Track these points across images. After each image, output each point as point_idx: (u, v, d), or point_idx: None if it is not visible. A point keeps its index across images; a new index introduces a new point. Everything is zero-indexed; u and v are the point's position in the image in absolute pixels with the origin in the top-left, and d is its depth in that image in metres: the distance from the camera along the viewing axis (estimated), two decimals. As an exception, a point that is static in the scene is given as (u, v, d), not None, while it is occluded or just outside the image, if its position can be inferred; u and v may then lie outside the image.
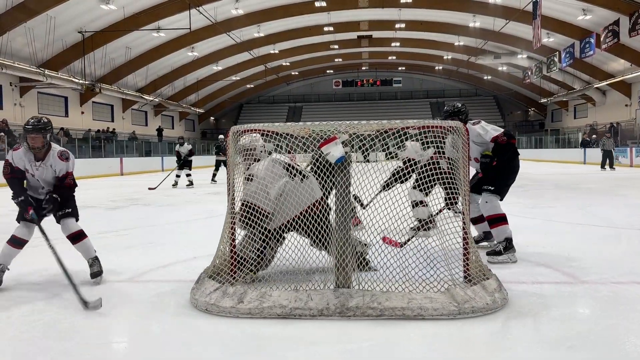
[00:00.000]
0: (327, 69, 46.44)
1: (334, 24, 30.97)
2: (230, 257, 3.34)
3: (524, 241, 5.09)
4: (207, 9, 23.37)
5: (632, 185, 10.99)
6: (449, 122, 3.49)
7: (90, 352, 2.52)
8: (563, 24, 25.00)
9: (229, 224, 3.36)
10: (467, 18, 27.83)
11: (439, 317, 2.82)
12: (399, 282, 3.08)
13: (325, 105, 48.13)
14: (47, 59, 22.35)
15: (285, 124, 3.33)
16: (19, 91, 22.77)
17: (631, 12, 19.82)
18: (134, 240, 5.55)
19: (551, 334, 2.63)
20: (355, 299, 2.93)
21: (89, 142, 22.70)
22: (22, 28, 19.71)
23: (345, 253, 3.12)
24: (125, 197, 10.91)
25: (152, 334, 2.76)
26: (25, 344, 2.63)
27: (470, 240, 3.28)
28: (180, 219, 7.23)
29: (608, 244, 4.88)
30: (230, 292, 3.06)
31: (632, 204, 8.12)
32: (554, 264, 4.06)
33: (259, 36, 30.13)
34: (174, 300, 3.25)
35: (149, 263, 4.36)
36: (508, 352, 2.46)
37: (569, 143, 30.17)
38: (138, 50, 27.39)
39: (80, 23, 22.06)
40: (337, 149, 3.14)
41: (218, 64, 34.16)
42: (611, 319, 2.85)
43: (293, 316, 2.88)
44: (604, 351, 2.42)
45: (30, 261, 4.53)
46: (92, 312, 3.04)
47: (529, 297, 3.20)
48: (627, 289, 3.39)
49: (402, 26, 30.67)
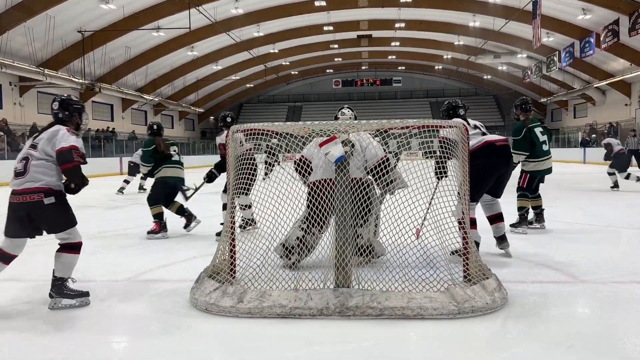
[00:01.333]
0: (327, 69, 46.42)
1: (333, 24, 30.95)
2: (230, 257, 3.34)
3: (524, 241, 5.09)
4: (207, 8, 23.35)
5: (632, 185, 10.97)
6: (449, 121, 3.50)
7: (90, 351, 2.52)
8: (563, 23, 24.99)
9: (229, 223, 3.36)
10: (467, 17, 27.82)
11: (438, 317, 2.82)
12: (398, 281, 3.08)
13: (325, 105, 48.08)
14: (46, 58, 22.34)
15: (285, 124, 3.33)
16: (19, 91, 22.76)
17: (631, 11, 19.82)
18: (133, 239, 5.55)
19: (551, 334, 2.62)
20: (355, 298, 2.92)
21: (88, 142, 22.68)
22: (21, 27, 19.70)
23: (345, 253, 3.12)
24: (124, 197, 10.91)
25: (151, 334, 2.76)
26: (25, 344, 2.62)
27: (470, 240, 3.27)
28: (179, 219, 7.22)
29: (608, 244, 4.88)
30: (230, 291, 3.05)
31: (632, 203, 8.11)
32: (554, 264, 4.06)
33: (259, 35, 30.12)
34: (173, 300, 3.25)
35: (149, 262, 4.36)
36: (508, 352, 2.46)
37: (568, 143, 30.19)
38: (138, 50, 27.38)
39: (80, 22, 22.05)
40: (337, 148, 3.14)
41: (218, 64, 34.15)
42: (611, 318, 2.85)
43: (293, 316, 2.88)
44: (604, 351, 2.42)
45: (30, 261, 4.53)
46: (92, 313, 3.04)
47: (528, 296, 3.21)
48: (627, 288, 3.39)
49: (401, 26, 30.65)
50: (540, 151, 5.52)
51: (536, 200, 5.76)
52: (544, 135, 5.57)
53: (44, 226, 3.22)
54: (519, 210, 5.60)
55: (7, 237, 3.18)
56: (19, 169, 3.19)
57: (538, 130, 5.55)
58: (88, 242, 5.45)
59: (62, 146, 3.17)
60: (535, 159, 5.53)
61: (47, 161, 3.19)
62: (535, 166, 5.55)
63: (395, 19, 29.93)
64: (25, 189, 3.12)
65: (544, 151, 5.55)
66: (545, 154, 5.56)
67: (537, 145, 5.49)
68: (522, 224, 5.55)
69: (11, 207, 3.16)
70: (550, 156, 5.64)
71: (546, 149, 5.58)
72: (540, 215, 5.78)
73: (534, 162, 5.54)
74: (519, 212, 5.59)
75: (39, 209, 3.12)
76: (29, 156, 3.20)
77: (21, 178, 3.15)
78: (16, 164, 3.22)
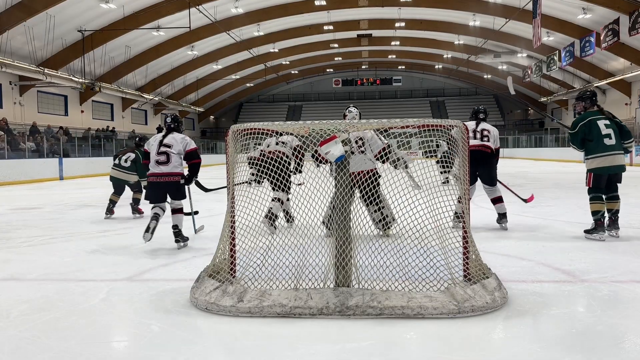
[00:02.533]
0: (327, 68, 46.43)
1: (333, 23, 30.96)
2: (230, 256, 3.34)
3: (524, 240, 5.09)
4: (207, 7, 23.37)
5: (632, 185, 10.98)
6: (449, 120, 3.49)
7: (90, 351, 2.52)
8: (563, 22, 25.00)
9: (229, 223, 3.36)
10: (467, 17, 27.83)
11: (438, 316, 2.82)
12: (398, 280, 3.08)
13: (325, 104, 48.11)
14: (46, 57, 22.35)
15: (285, 123, 3.33)
16: (19, 90, 22.77)
17: (631, 11, 19.82)
18: (133, 239, 5.55)
19: (551, 333, 2.62)
20: (355, 297, 2.92)
21: (88, 141, 22.70)
22: (21, 27, 19.70)
23: (345, 252, 3.12)
24: (124, 196, 10.89)
25: (151, 333, 2.76)
26: (25, 343, 2.62)
27: (470, 239, 3.27)
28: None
29: (608, 243, 4.88)
30: (230, 291, 3.05)
31: (631, 203, 8.11)
32: (554, 263, 4.06)
33: (259, 35, 30.12)
34: (173, 299, 3.25)
35: (149, 262, 4.37)
36: (508, 351, 2.46)
37: (568, 142, 30.14)
38: (138, 49, 27.39)
39: (80, 22, 22.06)
40: (337, 147, 3.14)
41: (218, 63, 34.16)
42: (611, 318, 2.85)
43: (293, 315, 2.88)
44: (604, 350, 2.42)
45: (30, 260, 4.54)
46: (92, 312, 3.05)
47: (528, 296, 3.21)
48: (627, 288, 3.39)
49: (402, 25, 30.65)
50: (600, 146, 4.96)
51: (611, 203, 5.13)
52: (609, 128, 4.98)
53: (172, 196, 4.99)
54: (593, 215, 5.09)
55: (150, 202, 5.03)
56: (163, 160, 4.86)
57: (602, 122, 5.01)
58: (88, 241, 5.47)
59: (191, 147, 5.00)
60: (594, 154, 5.01)
61: (179, 157, 4.94)
62: (597, 163, 5.00)
63: (395, 19, 29.94)
64: (168, 173, 4.86)
65: (606, 146, 4.95)
66: (606, 148, 4.95)
67: (596, 140, 4.96)
68: (598, 230, 5.02)
69: (154, 185, 4.93)
70: (617, 152, 4.99)
71: (610, 144, 4.95)
72: (612, 220, 5.11)
73: (591, 158, 5.04)
74: (593, 217, 5.08)
75: (173, 186, 4.91)
76: (168, 152, 4.87)
77: (165, 166, 4.85)
78: (156, 157, 4.87)
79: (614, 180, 5.10)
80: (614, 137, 4.98)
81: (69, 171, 18.53)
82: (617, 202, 5.14)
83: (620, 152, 5.04)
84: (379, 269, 3.26)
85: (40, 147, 18.84)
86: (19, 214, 8.02)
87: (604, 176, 5.04)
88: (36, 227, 6.50)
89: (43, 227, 6.49)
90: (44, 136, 19.68)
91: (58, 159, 18.49)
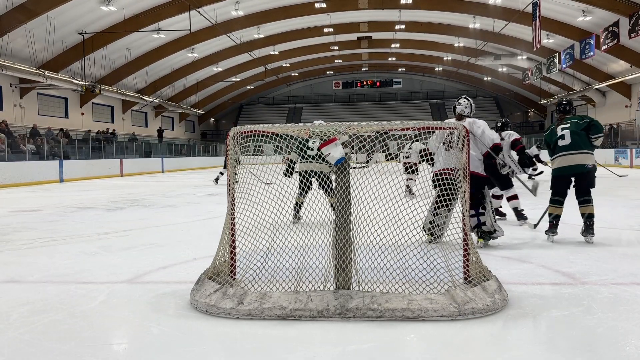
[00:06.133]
0: (327, 70, 46.47)
1: (333, 25, 30.99)
2: (230, 259, 3.34)
3: (524, 242, 5.09)
4: (207, 10, 23.39)
5: (632, 186, 10.97)
6: (449, 122, 3.50)
7: (90, 353, 2.51)
8: (563, 25, 25.02)
9: (229, 225, 3.35)
10: (466, 19, 27.86)
11: (439, 319, 2.82)
12: (399, 283, 3.08)
13: (325, 107, 48.14)
14: (47, 60, 22.37)
15: (285, 125, 3.33)
16: (19, 92, 22.78)
17: (631, 13, 19.83)
18: (133, 241, 5.55)
19: (551, 335, 2.62)
20: (355, 300, 2.92)
21: (89, 143, 22.69)
22: (22, 29, 19.72)
23: (346, 254, 3.12)
24: (125, 198, 10.90)
25: (151, 336, 2.76)
26: (25, 345, 2.62)
27: (470, 240, 3.27)
28: (180, 220, 7.23)
29: (608, 245, 4.88)
30: (230, 293, 3.05)
31: (632, 205, 8.11)
32: (554, 265, 4.06)
33: (259, 37, 30.15)
34: (173, 302, 3.25)
35: (149, 264, 4.36)
36: (508, 354, 2.46)
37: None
38: (138, 52, 27.42)
39: (81, 24, 22.08)
40: (337, 150, 3.14)
41: (218, 65, 34.19)
42: (611, 320, 2.85)
43: (293, 317, 2.88)
44: (604, 352, 2.42)
45: (31, 263, 4.54)
46: (92, 314, 3.05)
47: (529, 298, 3.20)
48: (627, 290, 3.39)
49: (402, 27, 30.69)
50: (556, 148, 5.04)
51: (582, 207, 4.95)
52: (565, 130, 5.01)
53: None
54: (548, 216, 5.12)
55: None
56: None
57: (560, 127, 5.10)
58: (88, 243, 5.47)
59: None
60: (552, 158, 5.13)
61: None
62: (555, 164, 5.07)
63: (395, 21, 29.97)
64: None
65: (559, 147, 5.00)
66: (559, 149, 4.99)
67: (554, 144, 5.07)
68: (549, 232, 5.05)
69: None
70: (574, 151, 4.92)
71: (564, 144, 4.96)
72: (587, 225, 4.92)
73: (551, 162, 5.14)
74: (548, 218, 5.12)
75: None
76: None
77: None
78: None
79: (583, 183, 4.95)
80: (568, 137, 4.95)
81: (69, 173, 18.54)
82: (588, 206, 4.93)
83: (581, 152, 4.91)
84: (379, 271, 3.25)
85: (41, 149, 18.84)
86: (19, 216, 8.02)
87: (565, 179, 5.01)
88: (36, 230, 6.50)
89: (43, 230, 6.49)
90: (44, 138, 19.69)
91: (58, 161, 18.50)
